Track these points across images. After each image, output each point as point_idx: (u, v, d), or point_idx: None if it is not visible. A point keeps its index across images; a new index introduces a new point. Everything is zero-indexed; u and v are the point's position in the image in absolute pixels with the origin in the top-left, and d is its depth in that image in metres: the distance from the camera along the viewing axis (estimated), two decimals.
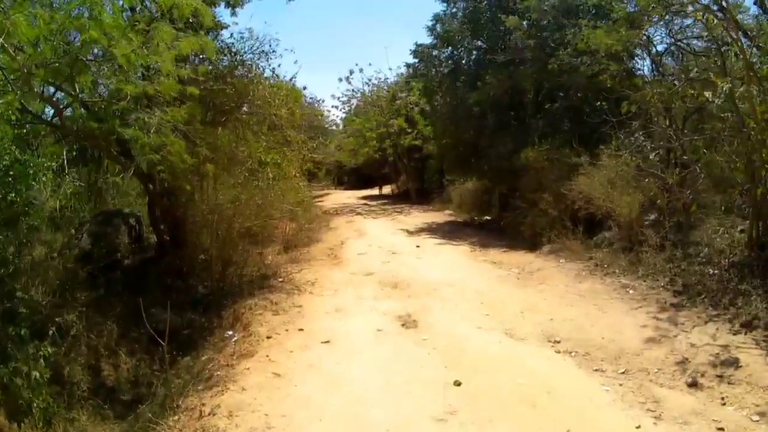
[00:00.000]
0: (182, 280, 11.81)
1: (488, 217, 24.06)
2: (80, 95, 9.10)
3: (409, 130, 32.78)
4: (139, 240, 13.29)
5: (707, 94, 9.65)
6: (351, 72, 37.14)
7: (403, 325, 9.83)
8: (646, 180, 12.99)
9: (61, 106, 9.71)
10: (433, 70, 25.79)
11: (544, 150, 17.05)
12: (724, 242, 10.80)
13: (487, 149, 21.13)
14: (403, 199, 36.22)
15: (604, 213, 13.70)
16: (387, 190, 42.49)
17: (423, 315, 10.24)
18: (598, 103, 14.87)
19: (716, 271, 10.05)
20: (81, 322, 9.19)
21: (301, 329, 9.72)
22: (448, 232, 21.33)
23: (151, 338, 8.29)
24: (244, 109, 11.97)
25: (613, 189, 13.32)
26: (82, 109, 9.76)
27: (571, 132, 17.69)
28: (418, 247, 17.59)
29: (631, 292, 10.73)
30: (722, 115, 10.82)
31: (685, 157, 12.58)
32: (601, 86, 14.84)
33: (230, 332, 9.87)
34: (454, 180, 29.83)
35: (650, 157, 13.43)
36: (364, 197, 39.99)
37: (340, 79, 39.26)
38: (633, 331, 8.82)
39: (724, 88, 9.15)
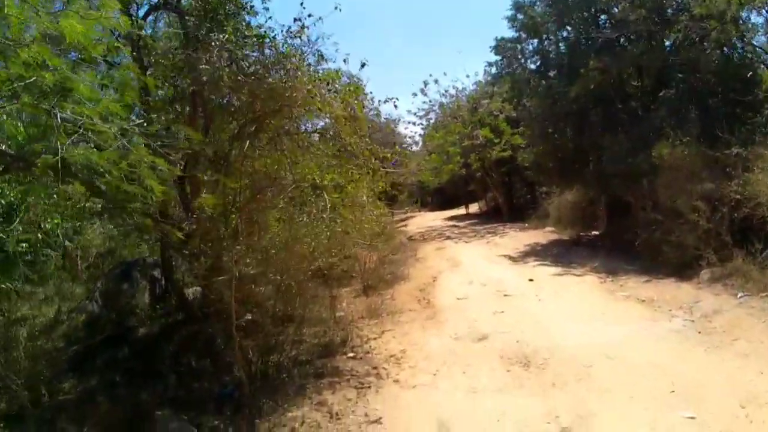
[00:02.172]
0: (211, 358, 8.47)
1: (596, 232, 21.32)
2: None
3: (496, 141, 29.54)
4: (163, 298, 10.36)
5: None
6: (425, 83, 34.00)
7: None
8: None
9: None
10: (519, 67, 22.63)
11: (683, 144, 13.54)
12: None
13: (594, 151, 18.07)
14: (493, 217, 33.14)
15: None
16: (474, 208, 39.78)
17: (586, 428, 6.25)
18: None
19: None
20: None
21: None
22: (558, 255, 18.11)
23: None
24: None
25: None
26: None
27: (702, 121, 14.42)
28: (531, 281, 14.20)
29: None
30: None
31: None
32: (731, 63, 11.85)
33: None
34: (550, 192, 26.74)
35: None
36: (451, 218, 36.91)
37: (415, 94, 36.48)
38: None
39: None
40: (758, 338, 8.24)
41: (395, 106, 35.45)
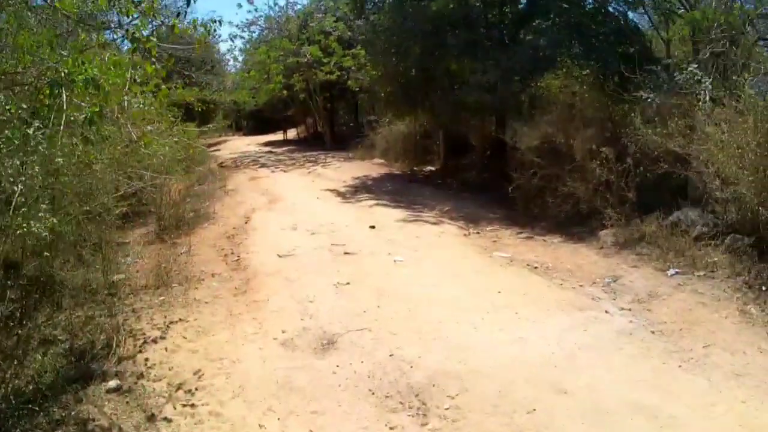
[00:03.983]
0: None
1: (431, 168, 19.87)
2: None
3: (325, 60, 26.52)
4: None
5: None
6: None
7: None
8: None
9: None
10: None
11: (577, 78, 11.68)
12: None
13: (447, 78, 15.90)
14: (313, 145, 30.33)
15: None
16: (293, 134, 36.79)
17: None
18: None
19: None
20: None
21: None
22: (395, 192, 15.66)
23: None
24: None
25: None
26: None
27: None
28: (373, 228, 11.43)
29: None
30: None
31: None
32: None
33: None
34: (377, 121, 24.56)
35: None
36: (267, 143, 33.75)
37: (240, 5, 31.80)
38: None
39: None
40: (737, 346, 5.89)
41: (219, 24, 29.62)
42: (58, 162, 5.48)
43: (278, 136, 37.73)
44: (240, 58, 34.81)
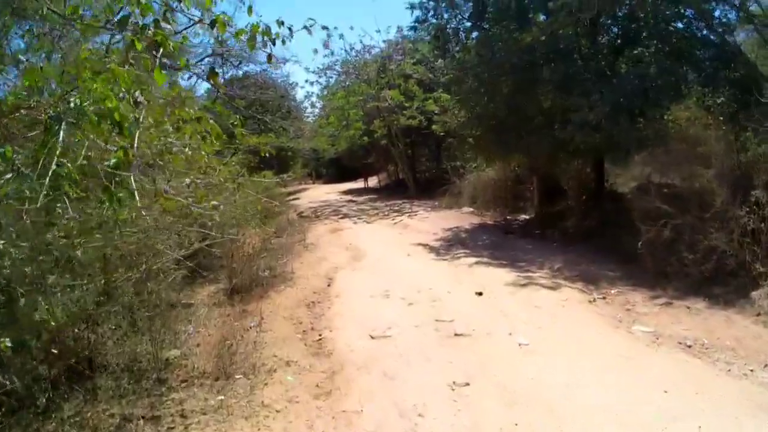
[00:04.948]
0: None
1: (524, 217, 18.17)
2: None
3: (407, 104, 25.26)
4: None
5: None
6: (329, 35, 28.78)
7: None
8: None
9: None
10: (446, 11, 17.61)
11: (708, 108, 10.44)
12: None
13: (548, 116, 14.11)
14: (396, 192, 29.02)
15: None
16: (373, 182, 35.65)
17: None
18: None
19: None
20: None
21: None
22: (493, 246, 13.87)
23: None
24: None
25: None
26: None
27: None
28: (480, 295, 9.58)
29: None
30: None
31: None
32: None
33: None
34: (463, 167, 22.97)
35: None
36: (348, 191, 32.66)
37: (316, 50, 31.25)
38: None
39: None
40: None
41: (282, 42, 26.11)
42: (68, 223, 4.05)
43: (359, 183, 36.75)
44: (317, 105, 33.94)
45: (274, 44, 4.10)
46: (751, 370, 6.21)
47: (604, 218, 13.40)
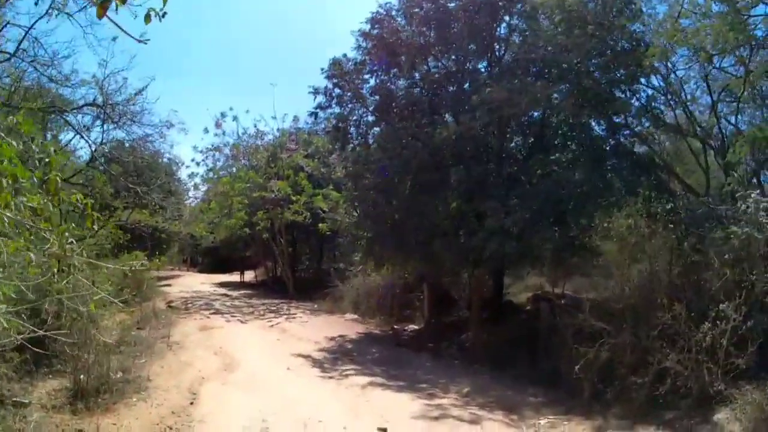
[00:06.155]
0: None
1: (414, 326, 17.33)
2: None
3: (294, 198, 24.19)
4: None
5: None
6: (222, 115, 27.56)
7: None
8: None
9: None
10: (353, 101, 16.53)
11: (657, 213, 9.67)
12: None
13: (454, 222, 13.50)
14: (273, 290, 27.58)
15: None
16: (250, 276, 34.11)
17: None
18: None
19: None
20: None
21: None
22: (385, 362, 12.59)
23: None
24: None
25: None
26: None
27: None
28: (383, 431, 7.85)
29: None
30: None
31: None
32: None
33: None
34: (346, 269, 22.15)
35: None
36: (223, 284, 30.89)
37: (206, 130, 29.40)
38: None
39: None
40: None
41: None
42: None
43: (235, 276, 35.15)
44: (201, 188, 32.00)
45: None
46: None
47: (507, 333, 12.78)
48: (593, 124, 13.68)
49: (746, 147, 9.67)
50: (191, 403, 8.52)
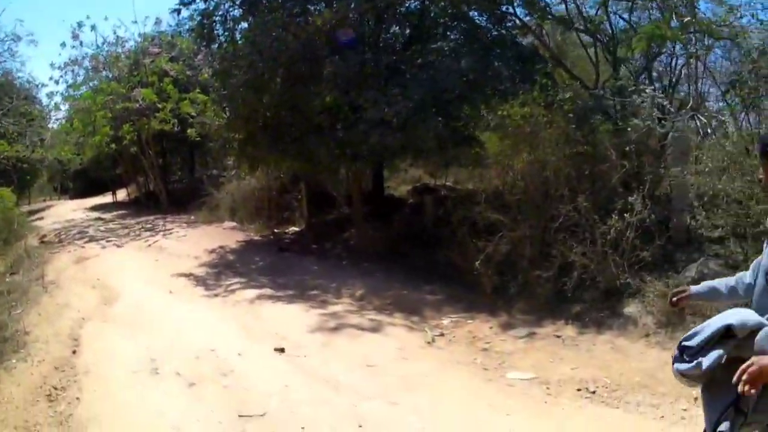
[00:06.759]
0: None
1: (294, 228, 17.61)
2: None
3: (161, 106, 22.95)
4: None
5: None
6: (80, 25, 25.44)
7: None
8: None
9: None
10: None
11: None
12: None
13: (331, 116, 13.20)
14: (147, 207, 26.43)
15: None
16: (122, 195, 32.28)
17: None
18: None
19: None
20: None
21: None
22: (272, 270, 12.40)
23: None
24: None
25: None
26: None
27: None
28: (282, 352, 7.39)
29: None
30: None
31: None
32: None
33: None
34: (219, 176, 22.34)
35: None
36: (95, 207, 28.95)
37: (63, 44, 28.47)
38: None
39: None
40: None
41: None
42: None
43: (107, 198, 33.01)
44: (62, 107, 29.65)
45: None
46: (684, 410, 5.20)
47: (392, 228, 12.94)
48: (476, 15, 13.44)
49: (643, 42, 9.66)
50: (74, 352, 7.72)
